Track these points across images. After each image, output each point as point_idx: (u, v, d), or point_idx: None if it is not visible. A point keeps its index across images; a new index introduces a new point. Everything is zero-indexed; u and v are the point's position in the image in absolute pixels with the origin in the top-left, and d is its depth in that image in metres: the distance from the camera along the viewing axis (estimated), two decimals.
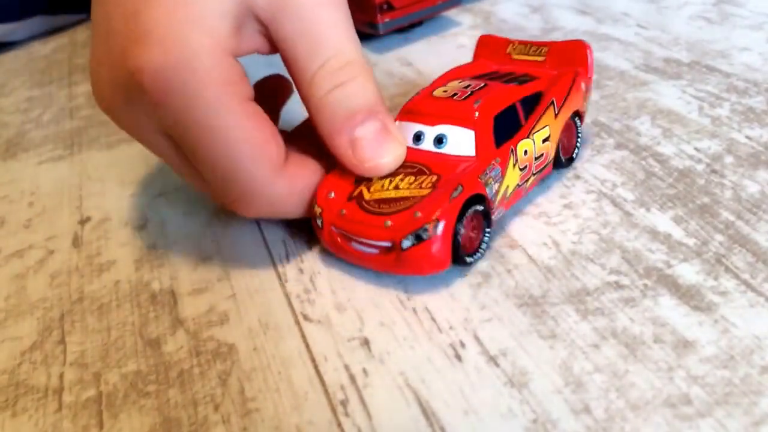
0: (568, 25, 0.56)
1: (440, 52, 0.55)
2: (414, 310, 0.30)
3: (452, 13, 0.62)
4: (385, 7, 0.54)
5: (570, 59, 0.38)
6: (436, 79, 0.37)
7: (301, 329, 0.30)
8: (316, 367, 0.28)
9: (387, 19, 0.55)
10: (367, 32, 0.56)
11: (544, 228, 0.33)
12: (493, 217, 0.32)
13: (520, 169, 0.33)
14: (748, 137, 0.38)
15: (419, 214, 0.29)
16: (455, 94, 0.33)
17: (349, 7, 0.32)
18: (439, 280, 0.31)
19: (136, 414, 0.27)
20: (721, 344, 0.26)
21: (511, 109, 0.33)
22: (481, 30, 0.57)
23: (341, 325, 0.30)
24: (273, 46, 0.32)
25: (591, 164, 0.38)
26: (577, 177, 0.37)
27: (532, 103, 0.35)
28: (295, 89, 0.33)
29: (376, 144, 0.31)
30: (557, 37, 0.54)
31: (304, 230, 0.36)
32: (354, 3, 0.57)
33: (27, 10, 0.72)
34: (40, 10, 0.73)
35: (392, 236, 0.30)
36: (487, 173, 0.31)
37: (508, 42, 0.41)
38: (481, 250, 0.31)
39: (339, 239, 0.31)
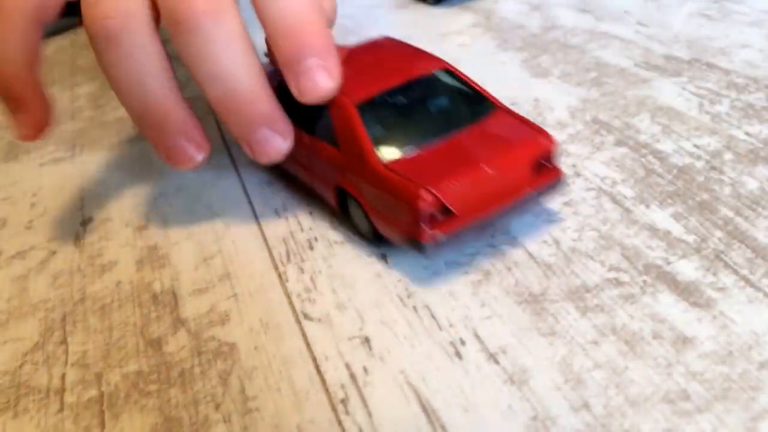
0: (567, 23, 0.56)
1: (441, 52, 0.55)
2: (414, 308, 0.30)
3: (453, 12, 0.62)
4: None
5: None
6: None
7: (301, 328, 0.30)
8: (316, 365, 0.28)
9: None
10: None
11: (544, 225, 0.33)
12: None
13: None
14: (747, 134, 0.38)
15: None
16: None
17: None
18: (439, 278, 0.31)
19: (138, 414, 0.27)
20: (720, 340, 0.26)
21: None
22: (482, 29, 0.57)
23: (342, 323, 0.30)
24: None
25: (591, 161, 0.38)
26: (577, 174, 0.37)
27: None
28: None
29: None
30: (557, 36, 0.54)
31: (305, 230, 0.36)
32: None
33: None
34: None
35: None
36: None
37: None
38: None
39: None
